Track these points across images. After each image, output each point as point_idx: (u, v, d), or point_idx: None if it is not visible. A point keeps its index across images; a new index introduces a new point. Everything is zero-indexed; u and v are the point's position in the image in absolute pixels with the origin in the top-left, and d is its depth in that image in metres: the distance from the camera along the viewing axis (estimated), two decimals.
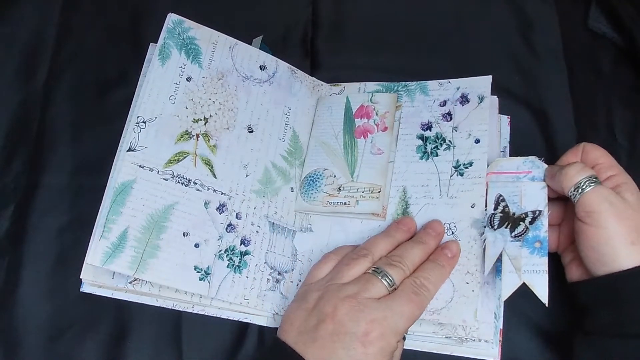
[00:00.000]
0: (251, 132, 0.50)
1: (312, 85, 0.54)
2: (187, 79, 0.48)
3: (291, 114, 0.52)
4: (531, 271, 0.42)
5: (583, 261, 0.41)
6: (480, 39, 0.58)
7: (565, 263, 0.45)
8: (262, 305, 0.47)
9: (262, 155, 0.50)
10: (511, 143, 0.52)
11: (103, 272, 0.44)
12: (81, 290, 0.46)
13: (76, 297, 0.47)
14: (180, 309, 0.47)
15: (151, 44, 0.53)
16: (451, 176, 0.47)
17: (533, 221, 0.43)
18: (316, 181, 0.50)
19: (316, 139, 0.53)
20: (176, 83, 0.48)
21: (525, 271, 0.42)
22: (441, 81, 0.52)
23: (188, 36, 0.49)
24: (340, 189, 0.50)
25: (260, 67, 0.52)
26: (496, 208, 0.45)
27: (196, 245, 0.45)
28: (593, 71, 0.57)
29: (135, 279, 0.45)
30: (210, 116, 0.48)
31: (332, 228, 0.49)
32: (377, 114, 0.52)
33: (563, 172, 0.41)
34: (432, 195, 0.48)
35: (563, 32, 0.58)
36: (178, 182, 0.46)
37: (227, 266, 0.46)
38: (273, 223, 0.49)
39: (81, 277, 0.44)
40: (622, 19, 0.56)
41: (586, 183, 0.40)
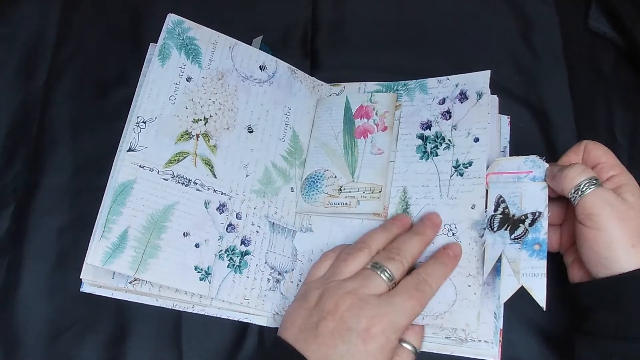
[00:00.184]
0: (251, 132, 0.50)
1: (312, 85, 0.54)
2: (187, 79, 0.48)
3: (291, 114, 0.52)
4: (530, 274, 0.41)
5: (584, 263, 0.41)
6: (480, 39, 0.58)
7: (567, 263, 0.45)
8: (263, 305, 0.47)
9: (262, 155, 0.50)
10: (511, 143, 0.52)
11: (103, 272, 0.44)
12: (81, 290, 0.46)
13: (76, 297, 0.47)
14: (180, 309, 0.47)
15: (151, 44, 0.53)
16: (451, 176, 0.47)
17: (533, 223, 0.43)
18: (317, 182, 0.50)
19: (316, 140, 0.53)
20: (176, 83, 0.48)
21: (523, 274, 0.42)
22: (440, 78, 0.51)
23: (188, 36, 0.49)
24: (341, 190, 0.50)
25: (260, 67, 0.52)
26: (496, 209, 0.44)
27: (196, 245, 0.45)
28: (593, 71, 0.57)
29: (135, 279, 0.45)
30: (210, 116, 0.48)
31: (332, 228, 0.49)
32: (377, 114, 0.52)
33: (563, 174, 0.41)
34: (433, 195, 0.47)
35: (563, 32, 0.58)
36: (178, 182, 0.46)
37: (228, 266, 0.46)
38: (273, 223, 0.49)
39: (81, 277, 0.44)
40: (622, 19, 0.56)
41: (586, 185, 0.40)
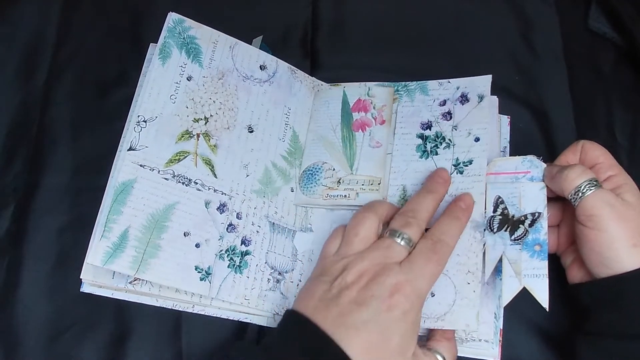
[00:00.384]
0: (251, 132, 0.50)
1: (312, 85, 0.54)
2: (188, 79, 0.48)
3: (291, 114, 0.52)
4: (531, 275, 0.41)
5: (585, 263, 0.41)
6: (480, 39, 0.58)
7: (566, 265, 0.45)
8: (263, 305, 0.47)
9: (263, 155, 0.50)
10: (511, 143, 0.52)
11: (103, 272, 0.44)
12: (81, 290, 0.46)
13: (76, 297, 0.47)
14: (180, 309, 0.47)
15: (151, 44, 0.53)
16: (451, 174, 0.47)
17: (532, 224, 0.42)
18: (315, 174, 0.50)
19: (314, 133, 0.53)
20: (177, 82, 0.48)
21: (525, 275, 0.41)
22: (441, 81, 0.52)
23: (188, 35, 0.49)
24: (339, 182, 0.50)
25: (260, 67, 0.52)
26: (495, 210, 0.44)
27: (197, 245, 0.45)
28: (593, 71, 0.57)
29: (135, 279, 0.45)
30: (210, 116, 0.48)
31: (332, 227, 0.49)
32: (375, 108, 0.52)
33: (563, 175, 0.41)
34: None
35: (563, 32, 0.58)
36: (179, 182, 0.46)
37: (228, 266, 0.46)
38: (273, 223, 0.49)
39: (81, 277, 0.44)
40: (622, 19, 0.56)
41: (587, 187, 0.40)
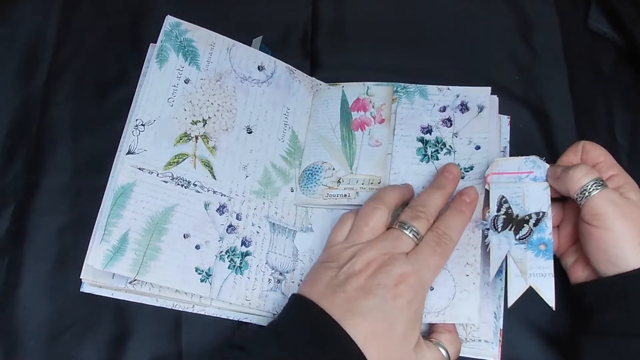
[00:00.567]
0: (250, 133, 0.50)
1: (311, 85, 0.54)
2: (185, 81, 0.48)
3: (290, 114, 0.52)
4: (537, 274, 0.41)
5: (590, 262, 0.41)
6: (480, 39, 0.58)
7: (567, 265, 0.45)
8: (264, 305, 0.47)
9: (262, 155, 0.50)
10: (511, 143, 0.52)
11: (103, 273, 0.44)
12: (81, 290, 0.46)
13: (76, 297, 0.47)
14: (180, 309, 0.47)
15: (151, 44, 0.53)
16: None
17: (537, 223, 0.42)
18: (315, 174, 0.50)
19: (313, 133, 0.53)
20: (174, 85, 0.48)
21: (531, 275, 0.41)
22: (441, 87, 0.52)
23: (185, 38, 0.49)
24: (339, 182, 0.50)
25: (258, 68, 0.52)
26: (499, 210, 0.44)
27: (197, 246, 0.45)
28: (593, 71, 0.57)
29: (135, 279, 0.45)
30: (208, 117, 0.48)
31: (333, 227, 0.49)
32: (374, 107, 0.52)
33: (569, 175, 0.41)
34: None
35: (563, 32, 0.58)
36: (178, 184, 0.46)
37: (229, 267, 0.46)
38: (273, 223, 0.49)
39: (81, 277, 0.44)
40: (622, 19, 0.56)
41: (593, 186, 0.40)
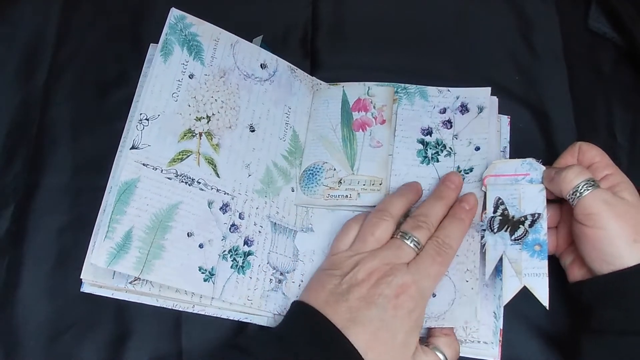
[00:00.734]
0: (253, 131, 0.50)
1: (311, 84, 0.54)
2: (190, 76, 0.48)
3: (291, 114, 0.52)
4: (532, 274, 0.42)
5: (585, 261, 0.41)
6: (480, 39, 0.58)
7: (565, 265, 0.45)
8: (265, 305, 0.46)
9: (264, 154, 0.50)
10: (511, 143, 0.52)
11: (103, 272, 0.44)
12: (81, 290, 0.46)
13: (76, 297, 0.47)
14: (180, 309, 0.47)
15: (151, 45, 0.53)
16: None
17: (532, 224, 0.43)
18: (316, 174, 0.50)
19: (313, 132, 0.52)
20: (179, 80, 0.47)
21: (525, 274, 0.42)
22: (440, 88, 0.52)
23: (190, 32, 0.49)
24: (340, 182, 0.50)
25: (261, 66, 0.51)
26: (495, 211, 0.45)
27: (200, 245, 0.45)
28: (593, 71, 0.57)
29: (135, 279, 0.45)
30: (212, 114, 0.48)
31: (333, 227, 0.49)
32: (375, 107, 0.52)
33: (561, 176, 0.42)
34: None
35: (563, 32, 0.58)
36: (182, 182, 0.46)
37: (231, 267, 0.46)
38: (275, 223, 0.49)
39: (81, 277, 0.44)
40: (622, 19, 0.56)
41: (584, 186, 0.41)
